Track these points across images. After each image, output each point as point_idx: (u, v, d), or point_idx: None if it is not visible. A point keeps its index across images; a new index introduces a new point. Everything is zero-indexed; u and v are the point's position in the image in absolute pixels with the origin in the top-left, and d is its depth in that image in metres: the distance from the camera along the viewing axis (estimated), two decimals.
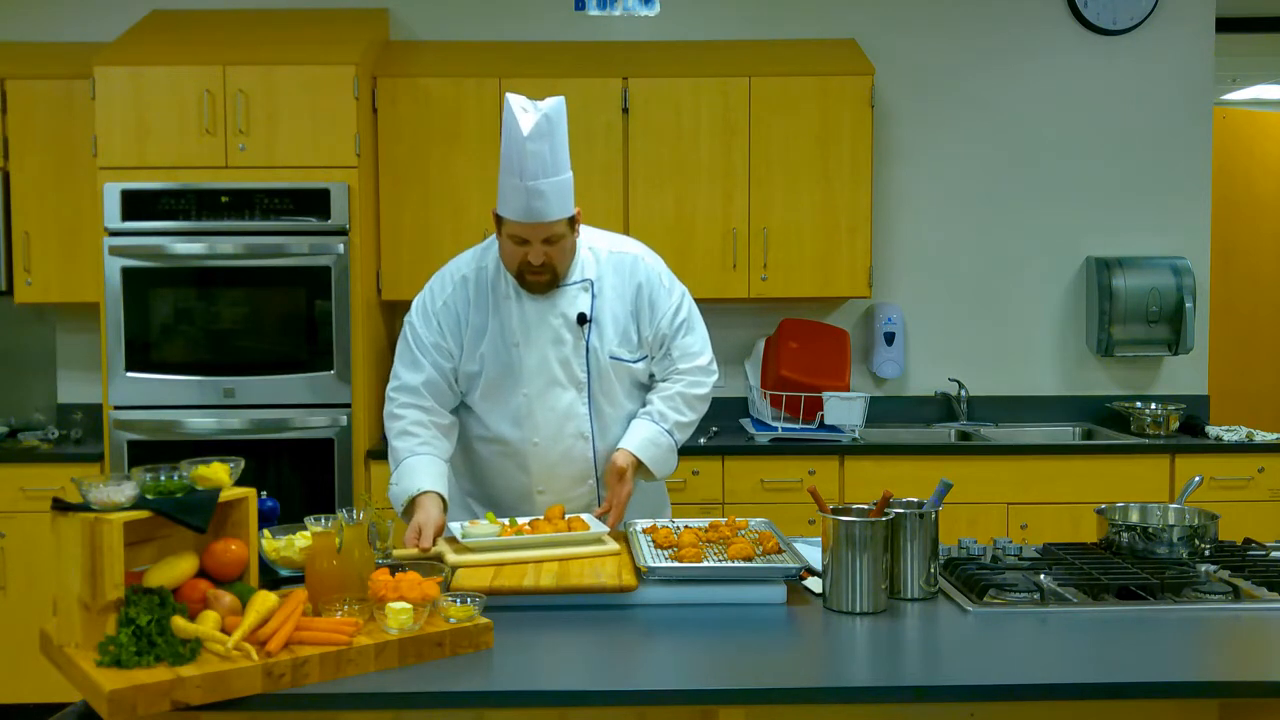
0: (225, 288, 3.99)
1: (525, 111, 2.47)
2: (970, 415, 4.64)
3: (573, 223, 2.55)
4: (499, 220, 2.55)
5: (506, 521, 2.43)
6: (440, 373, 2.63)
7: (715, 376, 2.77)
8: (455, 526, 2.38)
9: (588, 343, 2.62)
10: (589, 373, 2.63)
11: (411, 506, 2.49)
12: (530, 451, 2.63)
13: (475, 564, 2.25)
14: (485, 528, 2.35)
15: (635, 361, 2.68)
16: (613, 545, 2.35)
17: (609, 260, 2.68)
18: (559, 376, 2.61)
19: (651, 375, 2.75)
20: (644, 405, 2.72)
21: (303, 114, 3.94)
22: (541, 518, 2.47)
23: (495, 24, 4.59)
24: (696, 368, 2.71)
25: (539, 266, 2.53)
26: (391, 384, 2.67)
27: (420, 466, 2.54)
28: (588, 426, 2.65)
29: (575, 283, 2.63)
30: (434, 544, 2.37)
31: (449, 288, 2.66)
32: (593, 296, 2.63)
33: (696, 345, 2.72)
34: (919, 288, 4.69)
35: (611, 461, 2.60)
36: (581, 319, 2.61)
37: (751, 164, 4.28)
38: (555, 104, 2.49)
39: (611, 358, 2.64)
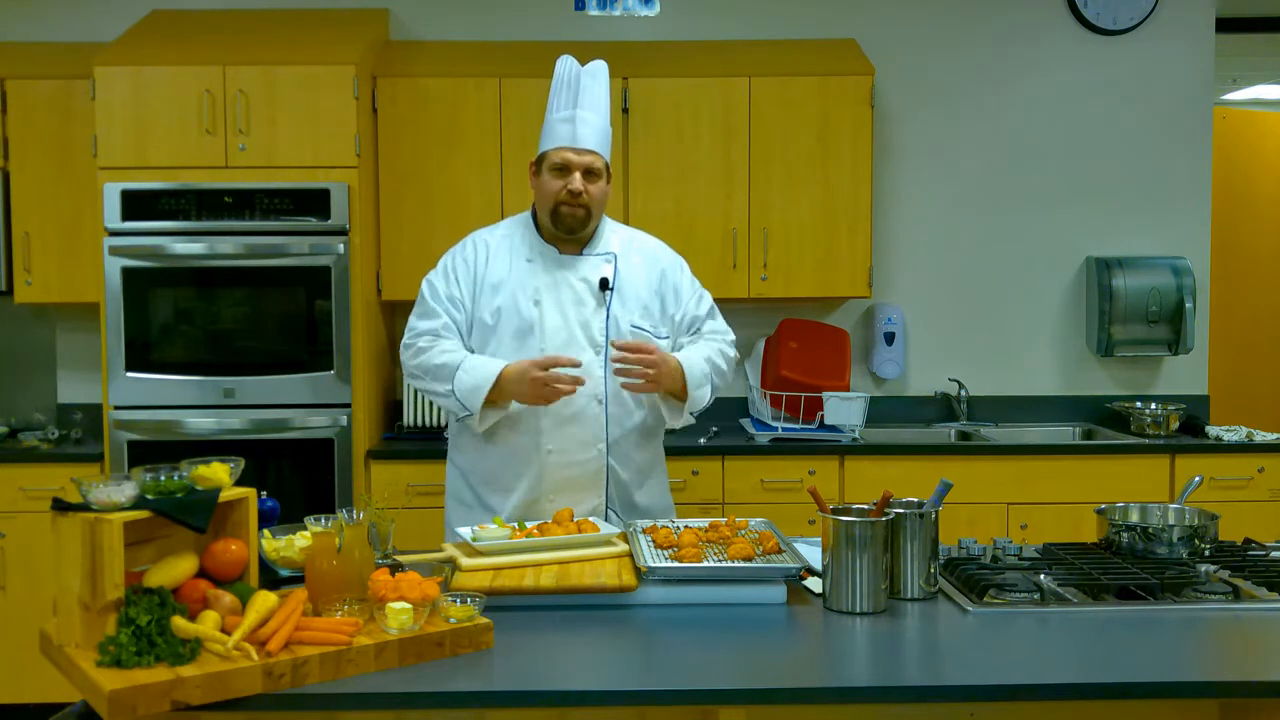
0: (225, 288, 3.99)
1: (577, 62, 2.72)
2: (970, 415, 4.64)
3: (609, 174, 2.70)
4: (539, 163, 2.69)
5: (515, 525, 2.43)
6: (454, 321, 2.72)
7: (736, 355, 2.91)
8: (465, 531, 2.39)
9: (609, 309, 2.68)
10: (609, 337, 2.67)
11: (497, 387, 2.55)
12: (542, 408, 2.63)
13: (488, 567, 2.25)
14: (496, 531, 2.35)
15: (659, 337, 2.74)
16: (623, 547, 2.35)
17: (632, 243, 2.81)
18: (578, 336, 2.67)
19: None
20: (678, 348, 2.78)
21: (303, 114, 3.94)
22: (550, 521, 2.47)
23: (495, 24, 4.59)
24: (724, 340, 2.85)
25: (578, 195, 2.63)
26: (407, 335, 2.75)
27: (486, 359, 2.62)
28: (602, 390, 2.67)
29: (599, 254, 2.73)
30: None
31: (469, 247, 2.78)
32: (616, 269, 2.72)
33: (722, 326, 2.88)
34: (919, 288, 4.69)
35: (645, 346, 2.58)
36: (604, 284, 2.68)
37: (751, 164, 4.28)
38: (601, 61, 2.74)
39: (633, 327, 2.69)
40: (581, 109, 2.64)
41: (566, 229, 2.67)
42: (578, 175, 2.62)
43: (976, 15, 4.65)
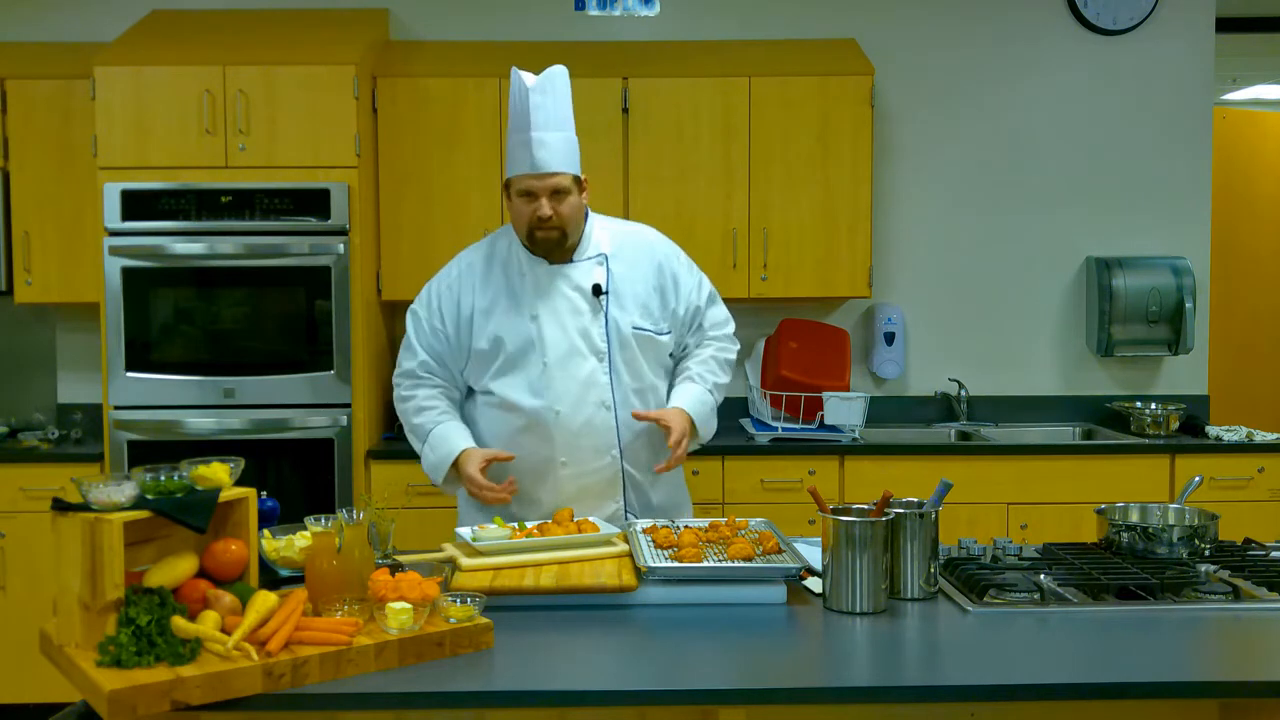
0: (225, 288, 3.99)
1: (529, 75, 2.63)
2: (970, 415, 4.64)
3: (579, 184, 2.66)
4: (509, 187, 2.66)
5: (516, 525, 2.43)
6: (434, 355, 2.72)
7: (738, 346, 2.91)
8: (465, 531, 2.39)
9: (606, 313, 2.66)
10: (610, 342, 2.66)
11: (454, 469, 2.64)
12: (552, 421, 2.63)
13: (488, 567, 2.25)
14: (496, 531, 2.36)
15: (660, 335, 2.73)
16: (622, 547, 2.35)
17: (624, 239, 2.77)
18: (579, 346, 2.65)
19: (670, 355, 2.80)
20: (679, 373, 2.79)
21: (303, 114, 3.94)
22: (550, 520, 2.47)
23: (495, 24, 4.59)
24: (725, 335, 2.85)
25: (547, 220, 2.60)
26: (395, 374, 2.80)
27: (451, 432, 2.67)
28: (609, 396, 2.66)
29: (589, 257, 2.70)
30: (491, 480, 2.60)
31: (454, 273, 2.76)
32: (608, 271, 2.69)
33: (722, 315, 2.87)
34: (919, 288, 4.69)
35: (663, 418, 2.63)
36: (597, 290, 2.66)
37: (751, 164, 4.28)
38: (557, 67, 2.65)
39: (634, 328, 2.68)
40: (536, 130, 2.57)
41: (544, 251, 2.66)
42: (543, 200, 2.58)
43: (976, 15, 4.65)
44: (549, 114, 2.59)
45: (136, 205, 3.92)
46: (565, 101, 2.63)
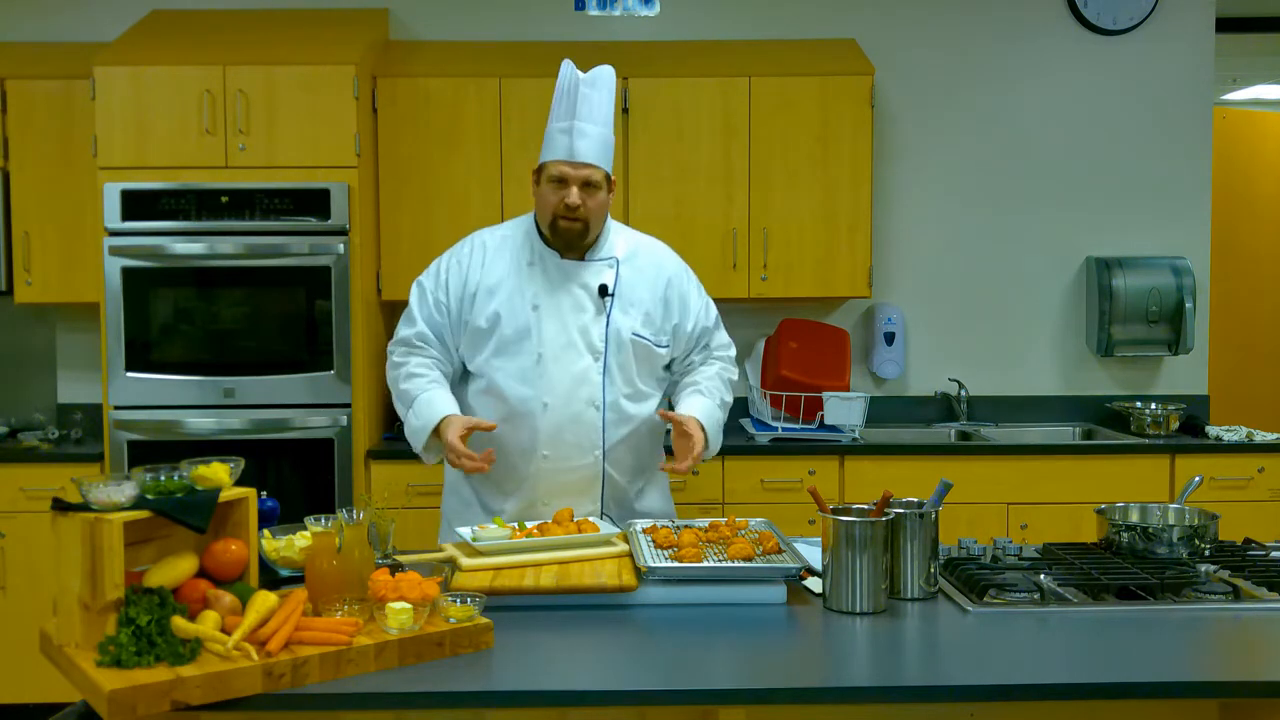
0: (225, 288, 3.99)
1: (580, 70, 2.65)
2: (970, 415, 4.64)
3: (609, 184, 2.67)
4: (539, 172, 2.66)
5: (516, 525, 2.43)
6: (432, 327, 2.72)
7: (738, 371, 2.92)
8: (465, 531, 2.39)
9: (609, 315, 2.66)
10: (607, 343, 2.66)
11: (435, 435, 2.60)
12: (539, 412, 2.63)
13: (488, 567, 2.25)
14: (496, 531, 2.36)
15: (659, 346, 2.73)
16: (623, 547, 2.35)
17: (637, 247, 2.78)
18: (576, 342, 2.65)
19: (668, 368, 2.80)
20: (687, 385, 2.77)
21: (303, 114, 3.94)
22: (550, 521, 2.47)
23: (495, 24, 4.59)
24: (728, 357, 2.86)
25: (575, 209, 2.60)
26: (390, 343, 2.79)
27: (437, 399, 2.63)
28: (599, 395, 2.65)
29: (602, 259, 2.70)
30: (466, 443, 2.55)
31: (465, 250, 2.76)
32: (617, 275, 2.70)
33: (725, 339, 2.88)
34: (919, 288, 4.69)
35: (678, 424, 2.62)
36: (603, 290, 2.66)
37: (751, 164, 4.28)
38: (607, 67, 2.66)
39: (634, 334, 2.68)
40: (580, 120, 2.60)
41: (564, 242, 2.66)
42: (574, 189, 2.59)
43: (976, 15, 4.65)
44: (595, 108, 2.62)
45: (136, 205, 3.92)
46: (610, 101, 2.66)
